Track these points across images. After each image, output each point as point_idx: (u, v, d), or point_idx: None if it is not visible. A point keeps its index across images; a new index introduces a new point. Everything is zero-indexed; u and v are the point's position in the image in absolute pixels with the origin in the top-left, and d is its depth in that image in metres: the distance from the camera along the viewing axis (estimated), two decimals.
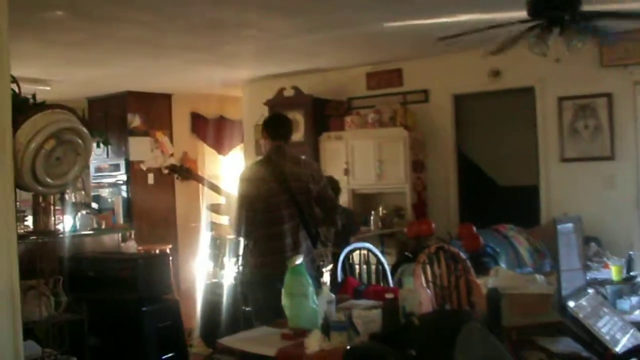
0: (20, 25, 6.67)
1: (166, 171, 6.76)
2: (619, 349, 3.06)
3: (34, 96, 4.12)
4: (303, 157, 6.36)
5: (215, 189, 6.54)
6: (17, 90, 3.91)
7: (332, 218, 5.92)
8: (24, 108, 3.92)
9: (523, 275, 4.64)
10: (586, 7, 5.25)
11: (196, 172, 6.67)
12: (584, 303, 3.30)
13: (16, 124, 3.70)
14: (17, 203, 3.86)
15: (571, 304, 3.17)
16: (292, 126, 6.09)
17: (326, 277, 7.02)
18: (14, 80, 3.77)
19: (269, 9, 6.78)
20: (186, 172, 6.61)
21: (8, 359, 3.41)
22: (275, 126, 5.90)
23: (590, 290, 3.58)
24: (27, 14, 6.39)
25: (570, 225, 3.41)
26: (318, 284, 5.03)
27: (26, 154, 3.77)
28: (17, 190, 3.88)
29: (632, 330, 3.34)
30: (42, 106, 4.01)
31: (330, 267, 7.05)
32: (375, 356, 3.29)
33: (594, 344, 3.07)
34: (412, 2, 6.61)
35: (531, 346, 3.29)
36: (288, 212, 5.55)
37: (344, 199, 9.25)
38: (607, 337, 3.09)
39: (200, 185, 12.50)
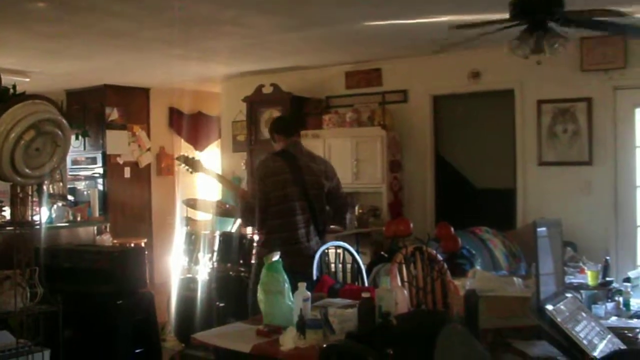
0: (0, 15, 6.66)
1: (177, 162, 6.74)
2: (596, 354, 3.06)
3: (14, 87, 4.10)
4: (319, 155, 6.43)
5: (224, 181, 6.56)
6: None
7: (341, 216, 6.04)
8: (4, 98, 3.91)
9: (501, 278, 4.65)
10: (569, 9, 5.27)
11: (205, 166, 6.64)
12: (562, 307, 3.28)
13: None
14: None
15: (549, 307, 3.16)
16: (302, 121, 6.23)
17: None
18: None
19: (248, 5, 6.77)
20: (196, 164, 6.59)
21: None
22: (289, 125, 6.11)
23: (569, 295, 3.58)
24: (8, 4, 6.36)
25: (548, 228, 3.41)
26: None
27: (6, 144, 3.77)
28: None
29: (609, 336, 3.34)
30: (23, 97, 4.00)
31: None
32: (353, 355, 3.29)
33: (571, 349, 3.05)
34: (394, 2, 6.62)
35: (507, 349, 3.29)
36: (300, 204, 5.66)
37: None
38: (585, 342, 3.08)
39: (177, 179, 12.62)
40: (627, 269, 7.00)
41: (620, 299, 4.87)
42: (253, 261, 6.89)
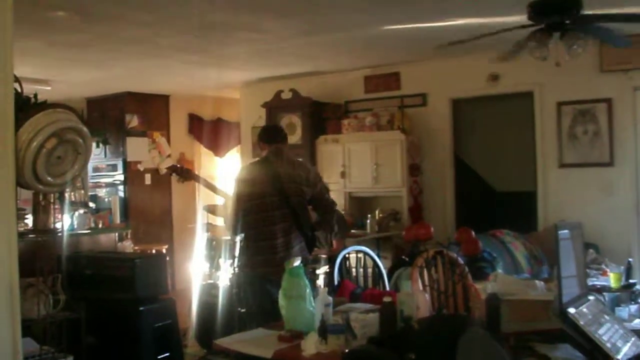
0: (22, 24, 6.69)
1: (165, 171, 6.80)
2: (620, 357, 3.03)
3: (35, 95, 4.12)
4: (301, 160, 6.44)
5: (213, 189, 6.57)
6: (19, 89, 3.91)
7: (328, 222, 5.95)
8: (26, 107, 3.93)
9: (523, 281, 4.63)
10: (587, 11, 5.25)
11: (195, 173, 6.69)
12: (585, 310, 3.26)
13: (18, 123, 3.71)
14: (17, 201, 3.86)
15: (571, 310, 3.14)
16: (286, 131, 6.28)
17: (320, 279, 7.06)
18: (17, 79, 3.78)
19: (266, 11, 6.79)
20: (186, 172, 6.64)
21: (7, 356, 3.42)
22: (270, 132, 6.16)
23: (591, 297, 3.56)
24: (29, 13, 6.40)
25: (569, 231, 3.39)
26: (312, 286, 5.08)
27: (28, 152, 3.78)
28: (18, 189, 3.89)
29: (633, 339, 3.30)
30: (44, 105, 4.01)
31: (324, 268, 7.09)
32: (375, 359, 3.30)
33: (594, 352, 3.03)
34: (411, 6, 6.61)
35: (530, 353, 3.29)
36: (280, 213, 5.60)
37: (339, 202, 9.29)
38: (609, 345, 3.05)
39: (197, 186, 12.60)
40: None
41: None
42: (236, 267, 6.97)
